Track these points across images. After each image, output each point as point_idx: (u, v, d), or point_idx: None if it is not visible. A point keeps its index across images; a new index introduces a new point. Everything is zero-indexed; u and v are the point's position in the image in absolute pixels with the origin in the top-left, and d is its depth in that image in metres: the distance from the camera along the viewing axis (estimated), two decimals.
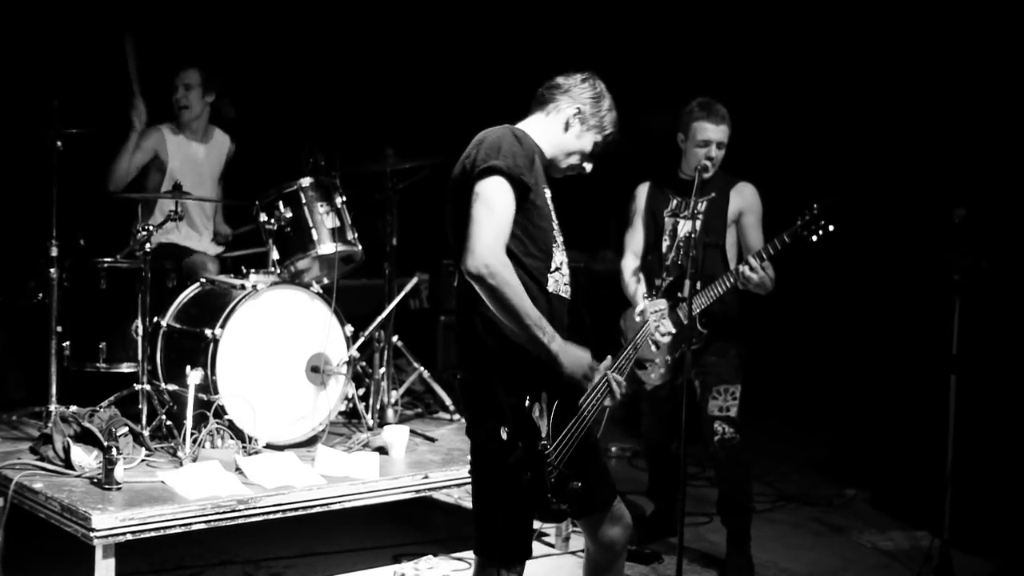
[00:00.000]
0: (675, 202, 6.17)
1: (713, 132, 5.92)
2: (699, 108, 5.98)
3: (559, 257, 4.12)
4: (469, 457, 4.13)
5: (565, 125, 4.22)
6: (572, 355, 3.95)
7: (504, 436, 3.85)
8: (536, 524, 4.21)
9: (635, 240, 6.27)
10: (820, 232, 5.58)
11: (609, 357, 4.19)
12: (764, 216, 6.11)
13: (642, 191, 6.30)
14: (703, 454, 6.41)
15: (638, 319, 5.85)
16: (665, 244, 6.13)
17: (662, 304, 4.37)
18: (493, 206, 3.88)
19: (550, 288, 4.08)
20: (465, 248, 3.86)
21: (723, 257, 6.06)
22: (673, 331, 5.87)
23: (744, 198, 6.10)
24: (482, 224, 3.86)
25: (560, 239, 4.15)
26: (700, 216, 5.99)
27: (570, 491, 3.89)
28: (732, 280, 5.78)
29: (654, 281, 6.11)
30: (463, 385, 4.15)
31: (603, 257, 8.52)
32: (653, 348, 5.95)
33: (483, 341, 3.96)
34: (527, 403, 3.86)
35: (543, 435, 3.86)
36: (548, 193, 4.15)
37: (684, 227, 6.09)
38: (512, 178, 3.90)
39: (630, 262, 6.24)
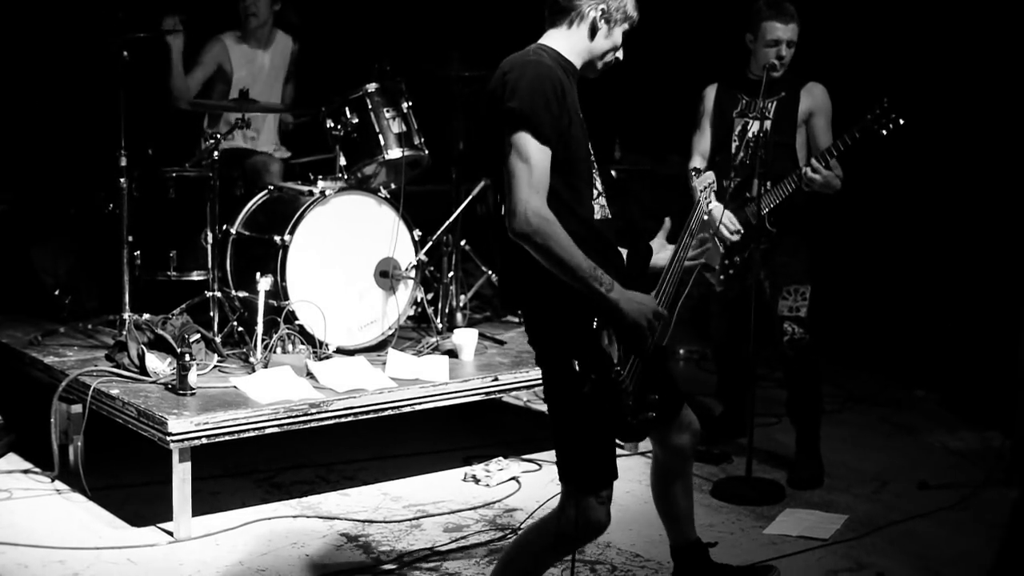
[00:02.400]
0: (744, 102, 6.10)
1: (783, 31, 5.84)
2: (767, 7, 5.89)
3: (599, 183, 4.00)
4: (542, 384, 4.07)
5: (592, 31, 3.97)
6: (633, 302, 3.81)
7: (576, 368, 3.76)
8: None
9: (702, 142, 6.22)
10: (891, 126, 5.53)
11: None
12: (833, 118, 6.04)
13: (710, 92, 6.23)
14: (772, 355, 6.40)
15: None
16: (734, 145, 6.07)
17: (710, 177, 4.26)
18: (528, 159, 3.70)
19: (597, 215, 3.96)
20: (507, 209, 3.73)
21: (792, 157, 6.00)
22: (741, 229, 5.84)
23: (814, 98, 6.02)
24: (520, 180, 3.70)
25: (593, 158, 4.01)
26: (769, 117, 5.94)
27: (647, 408, 3.89)
28: (797, 182, 5.74)
29: (722, 182, 6.06)
30: (526, 320, 4.04)
31: (670, 161, 8.46)
32: (720, 248, 5.91)
33: (540, 274, 3.77)
34: (594, 331, 3.78)
35: (615, 361, 3.79)
36: (580, 115, 3.96)
37: (753, 127, 6.04)
38: (539, 132, 3.70)
39: (697, 164, 6.19)
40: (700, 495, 5.52)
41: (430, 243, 6.61)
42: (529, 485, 5.84)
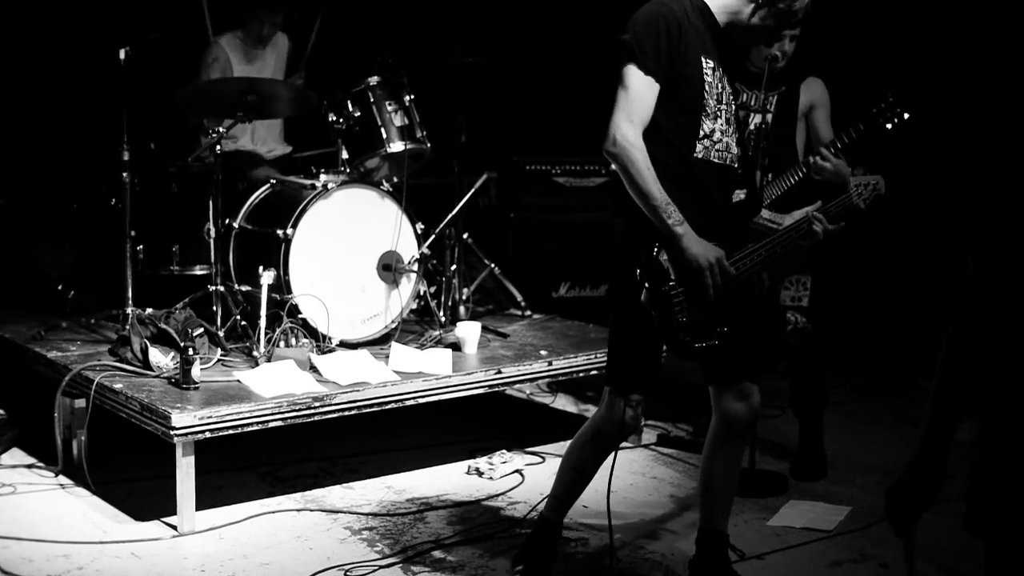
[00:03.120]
0: (744, 95, 6.09)
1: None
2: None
3: (710, 125, 4.20)
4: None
5: (755, 5, 4.19)
6: (698, 243, 4.04)
7: (637, 275, 4.04)
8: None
9: None
10: (895, 120, 5.55)
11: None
12: (833, 112, 6.06)
13: None
14: (775, 346, 6.39)
15: None
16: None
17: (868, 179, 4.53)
18: (628, 88, 4.03)
19: (698, 154, 4.18)
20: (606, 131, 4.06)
21: (792, 150, 6.01)
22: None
23: (813, 92, 6.04)
24: (618, 107, 4.04)
25: (720, 108, 4.28)
26: (770, 110, 5.93)
27: (709, 336, 4.11)
28: (803, 172, 5.74)
29: None
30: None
31: None
32: None
33: (626, 196, 4.08)
34: (656, 249, 4.03)
35: (671, 277, 4.03)
36: (708, 63, 4.18)
37: (754, 120, 6.03)
38: (643, 64, 4.01)
39: None
40: None
41: (433, 236, 6.61)
42: (533, 478, 5.85)
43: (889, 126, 5.55)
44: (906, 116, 5.53)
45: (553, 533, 4.64)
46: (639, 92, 4.03)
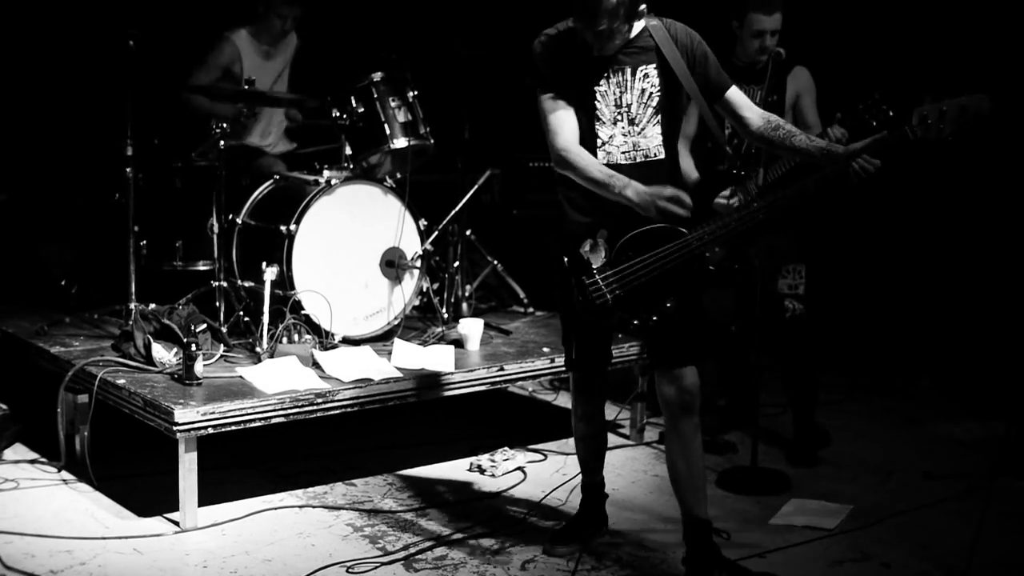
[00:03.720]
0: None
1: (768, 22, 5.93)
2: None
3: (606, 132, 4.55)
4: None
5: None
6: (640, 190, 4.37)
7: (566, 264, 4.49)
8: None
9: (688, 125, 6.21)
10: (881, 117, 5.65)
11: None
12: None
13: None
14: (771, 338, 6.41)
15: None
16: (727, 132, 6.10)
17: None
18: (543, 114, 4.57)
19: (603, 160, 4.54)
20: None
21: None
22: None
23: (799, 81, 6.19)
24: (546, 129, 4.57)
25: (609, 115, 4.55)
26: (759, 103, 6.01)
27: (646, 310, 4.45)
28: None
29: (717, 167, 6.09)
30: None
31: None
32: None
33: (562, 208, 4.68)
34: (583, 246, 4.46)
35: (593, 267, 4.42)
36: (589, 82, 4.54)
37: None
38: (541, 87, 4.56)
39: (682, 147, 6.20)
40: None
41: (436, 233, 6.61)
42: (535, 475, 5.85)
43: (875, 123, 5.65)
44: (892, 114, 5.62)
45: (597, 495, 5.11)
46: (550, 114, 4.54)
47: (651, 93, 4.53)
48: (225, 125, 6.20)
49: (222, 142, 6.16)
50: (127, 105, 6.25)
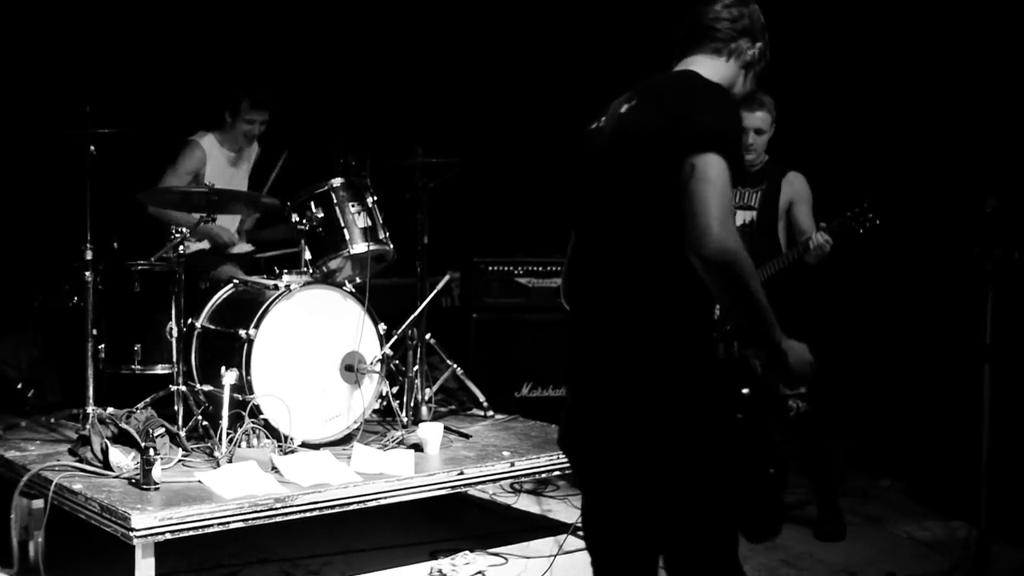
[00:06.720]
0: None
1: (749, 119, 6.05)
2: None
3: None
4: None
5: (744, 72, 3.54)
6: (797, 351, 3.34)
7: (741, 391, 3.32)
8: None
9: None
10: (868, 225, 5.85)
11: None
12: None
13: None
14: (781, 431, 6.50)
15: None
16: None
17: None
18: (718, 185, 3.12)
19: None
20: (692, 230, 3.12)
21: (775, 241, 6.28)
22: None
23: (794, 188, 6.34)
24: (710, 201, 3.10)
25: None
26: (755, 207, 6.19)
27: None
28: (798, 254, 6.06)
29: None
30: (628, 409, 3.33)
31: None
32: None
33: (660, 353, 3.27)
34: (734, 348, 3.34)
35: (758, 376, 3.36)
36: None
37: (739, 217, 6.24)
38: (733, 157, 3.17)
39: None
40: None
41: (395, 337, 6.63)
42: None
43: (862, 231, 5.87)
44: (878, 222, 5.82)
45: None
46: (728, 192, 3.16)
47: None
48: (185, 230, 6.22)
49: (181, 247, 6.17)
50: (87, 208, 6.26)
